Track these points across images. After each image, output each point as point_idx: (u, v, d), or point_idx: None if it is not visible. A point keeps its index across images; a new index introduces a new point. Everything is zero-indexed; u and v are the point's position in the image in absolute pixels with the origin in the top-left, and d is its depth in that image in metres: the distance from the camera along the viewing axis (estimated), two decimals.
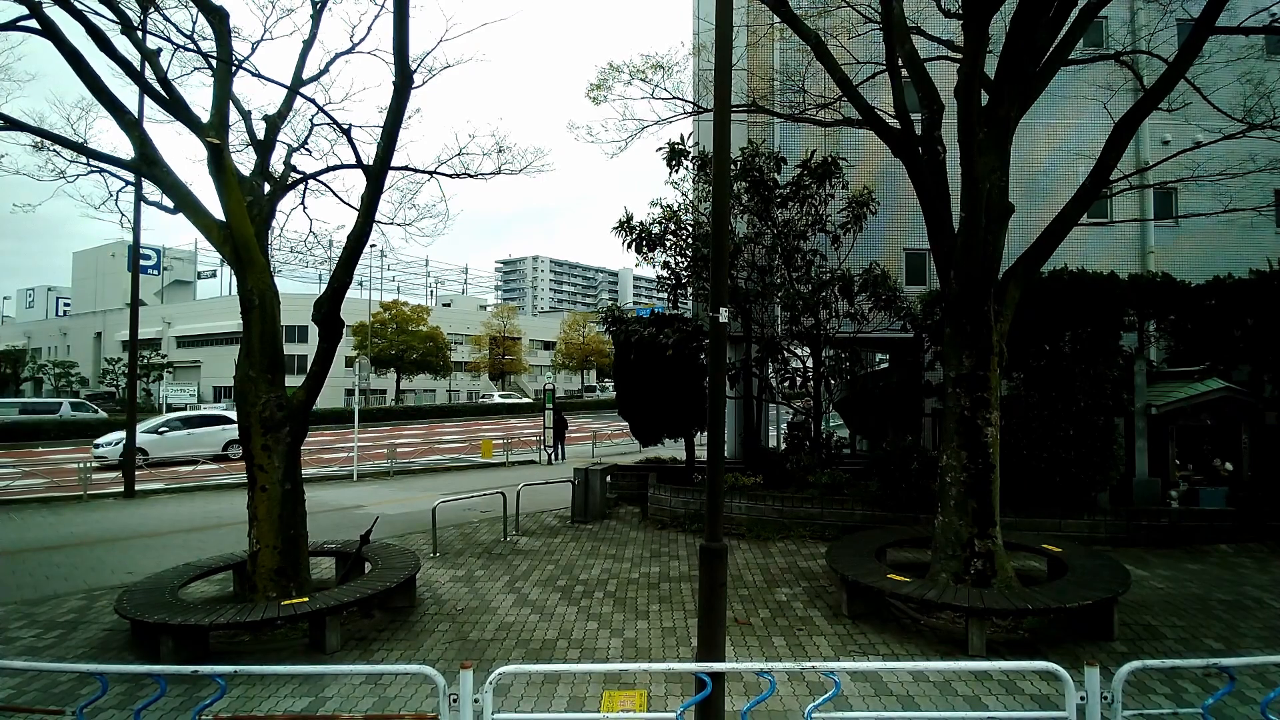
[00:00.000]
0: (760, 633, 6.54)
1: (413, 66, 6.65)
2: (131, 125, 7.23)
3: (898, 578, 6.62)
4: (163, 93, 7.26)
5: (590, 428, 30.36)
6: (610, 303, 13.39)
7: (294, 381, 7.13)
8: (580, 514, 11.70)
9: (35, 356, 63.51)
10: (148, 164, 7.16)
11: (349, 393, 59.17)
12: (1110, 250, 14.23)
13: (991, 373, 6.92)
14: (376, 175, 6.80)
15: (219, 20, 7.26)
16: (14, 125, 7.11)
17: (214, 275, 66.83)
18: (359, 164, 7.17)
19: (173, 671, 3.78)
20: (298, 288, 65.34)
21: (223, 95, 7.29)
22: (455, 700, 3.76)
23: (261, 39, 9.81)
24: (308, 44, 8.87)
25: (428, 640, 6.55)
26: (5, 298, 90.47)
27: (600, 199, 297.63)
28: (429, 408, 52.90)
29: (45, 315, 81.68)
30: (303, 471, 7.39)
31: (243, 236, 6.93)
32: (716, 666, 3.74)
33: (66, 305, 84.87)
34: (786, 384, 11.25)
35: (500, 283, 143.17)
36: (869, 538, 8.20)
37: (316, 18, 8.92)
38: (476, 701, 3.78)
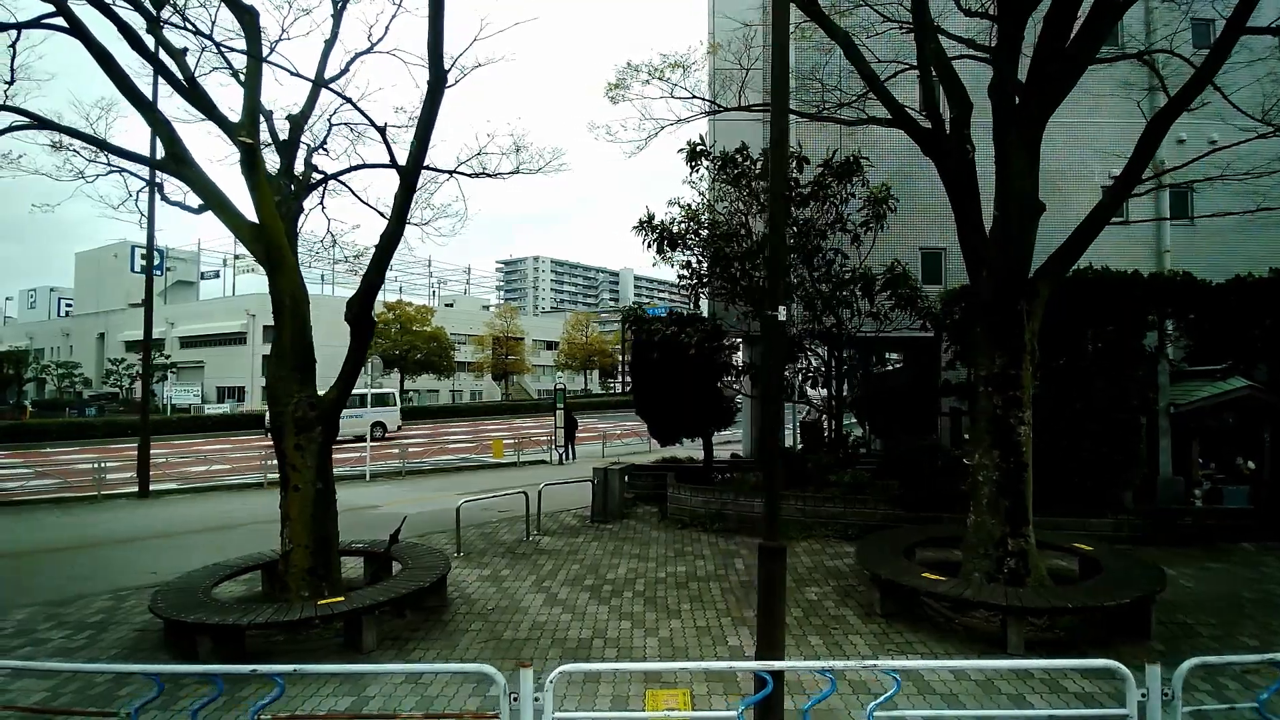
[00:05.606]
0: (795, 632, 6.52)
1: (446, 66, 6.64)
2: (161, 125, 7.22)
3: (932, 576, 6.62)
4: (188, 91, 7.26)
5: (597, 427, 30.36)
6: (633, 304, 13.41)
7: None
8: (600, 513, 11.70)
9: (38, 357, 63.45)
10: (178, 163, 7.15)
11: (353, 394, 59.21)
12: (1126, 250, 14.22)
13: (1024, 371, 6.92)
14: (409, 175, 6.79)
15: (250, 19, 7.25)
16: (45, 124, 7.10)
17: (216, 276, 66.79)
18: (393, 164, 7.16)
19: (230, 671, 3.77)
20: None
21: (253, 94, 7.29)
22: (515, 699, 3.76)
23: (279, 39, 9.83)
24: (329, 43, 8.87)
25: (462, 639, 6.55)
26: (7, 298, 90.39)
27: (600, 200, 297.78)
28: (434, 408, 52.87)
29: (48, 316, 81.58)
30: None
31: (274, 237, 6.93)
32: (777, 665, 3.74)
33: (68, 306, 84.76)
34: (809, 383, 11.24)
35: (501, 283, 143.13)
36: (895, 537, 8.19)
37: (337, 17, 8.92)
38: (537, 700, 3.78)
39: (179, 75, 7.38)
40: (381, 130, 7.08)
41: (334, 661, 6.03)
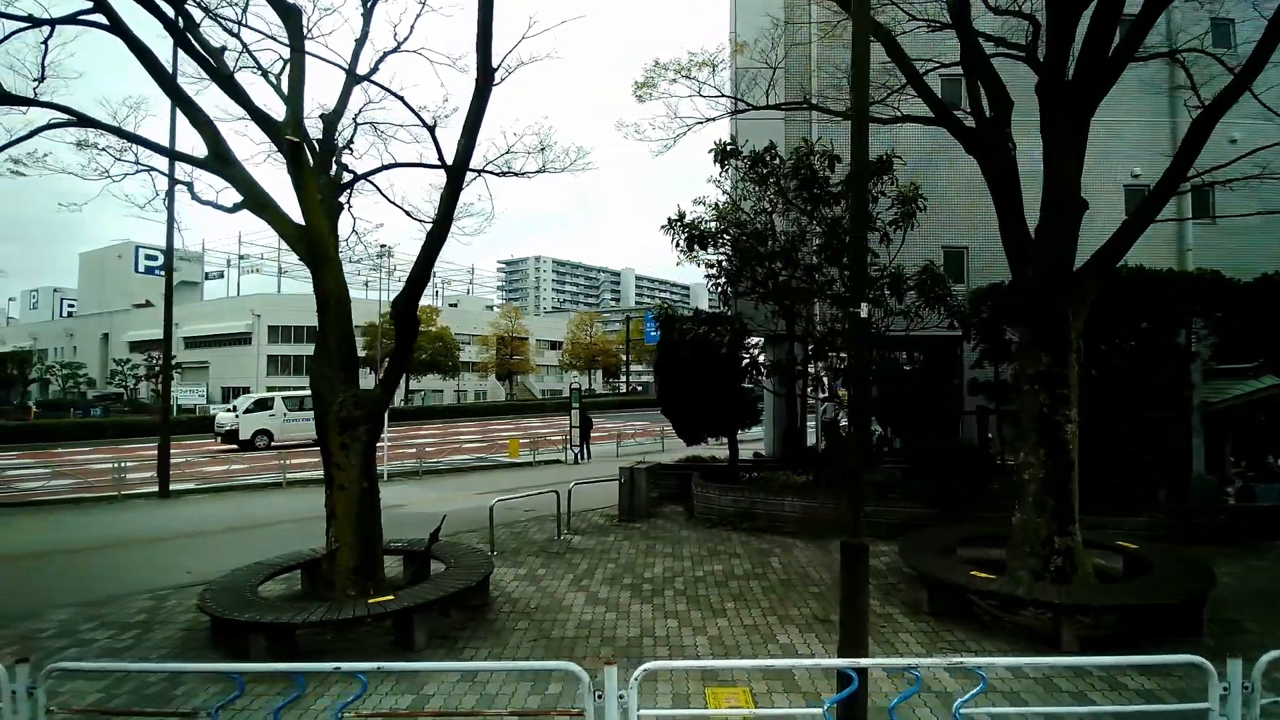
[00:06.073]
0: None
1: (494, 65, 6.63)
2: (204, 124, 7.20)
3: (980, 575, 6.62)
4: (232, 90, 7.25)
5: (605, 427, 30.33)
6: (663, 304, 13.37)
7: (302, 381, 7.12)
8: (626, 513, 11.70)
9: (42, 358, 63.42)
10: (222, 163, 7.14)
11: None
12: (1148, 248, 14.20)
13: (1070, 370, 6.92)
14: (456, 173, 6.78)
15: (294, 18, 7.25)
16: (89, 123, 7.09)
17: (220, 276, 66.80)
18: (441, 162, 7.15)
19: (313, 669, 3.76)
20: (306, 288, 65.24)
21: (296, 92, 7.29)
22: (600, 696, 3.76)
23: (305, 37, 9.85)
24: (360, 42, 8.86)
25: (511, 638, 6.54)
26: (10, 299, 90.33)
27: (600, 200, 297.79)
28: (441, 407, 52.87)
29: (52, 316, 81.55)
30: None
31: (319, 235, 6.92)
32: (863, 662, 3.74)
33: (70, 306, 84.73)
34: (839, 381, 11.24)
35: (503, 283, 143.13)
36: (934, 536, 8.19)
37: (367, 16, 8.91)
38: (622, 697, 3.77)
39: (216, 73, 7.40)
40: (431, 129, 7.08)
41: (386, 659, 6.02)
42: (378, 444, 7.32)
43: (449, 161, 6.89)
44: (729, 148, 10.66)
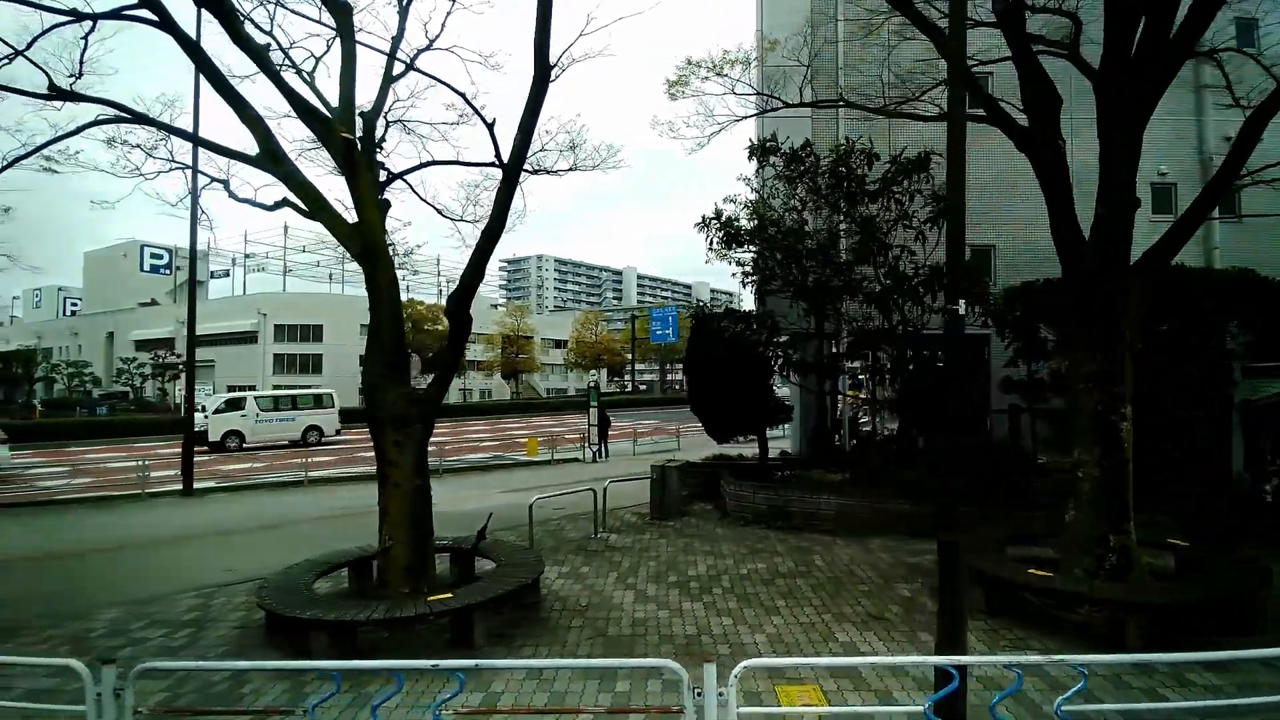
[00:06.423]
0: (902, 629, 6.53)
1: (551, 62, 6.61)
2: (255, 120, 7.18)
3: (1038, 573, 6.61)
4: (283, 87, 7.24)
5: (615, 425, 30.29)
6: (699, 304, 13.32)
7: (308, 379, 7.08)
8: (658, 510, 11.70)
9: (46, 356, 63.34)
10: (273, 160, 7.13)
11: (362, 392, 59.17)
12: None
13: (1124, 368, 6.91)
14: (512, 171, 6.77)
15: (344, 13, 7.23)
16: (142, 120, 7.08)
17: (226, 275, 66.72)
18: (497, 159, 7.14)
19: (412, 666, 3.75)
20: (311, 287, 65.25)
21: (348, 89, 7.27)
22: (699, 694, 3.74)
23: (335, 36, 9.85)
24: (396, 39, 8.85)
25: (569, 635, 6.53)
26: (14, 297, 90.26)
27: (599, 198, 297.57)
28: (450, 406, 52.76)
29: (56, 315, 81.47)
30: (355, 470, 7.35)
31: (373, 231, 6.91)
32: (965, 659, 3.74)
33: (73, 305, 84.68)
34: (875, 379, 11.23)
35: (505, 282, 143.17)
36: (981, 535, 8.17)
37: (404, 13, 8.91)
38: (721, 694, 3.76)
39: (267, 69, 7.38)
40: (490, 125, 7.05)
41: (443, 657, 5.99)
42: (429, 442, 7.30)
43: (503, 159, 6.88)
44: (768, 144, 10.65)
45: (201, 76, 6.79)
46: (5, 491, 16.64)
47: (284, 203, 8.12)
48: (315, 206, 7.08)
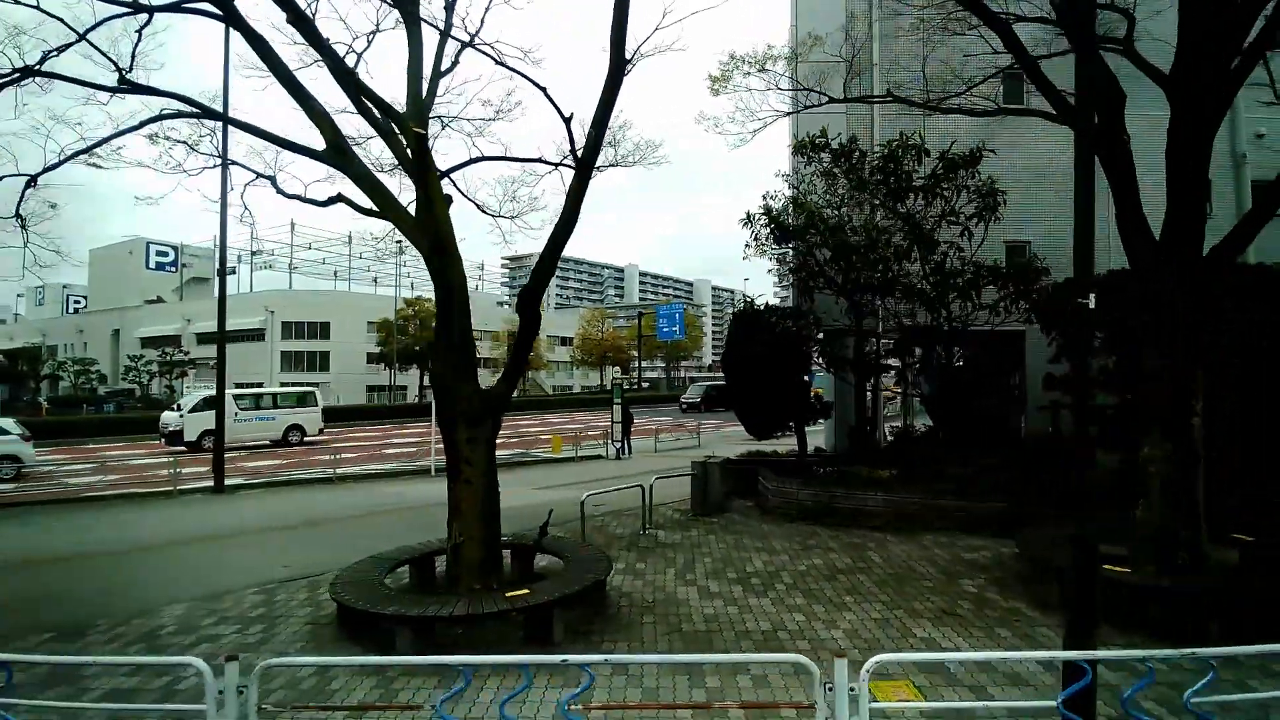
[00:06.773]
0: (978, 625, 6.53)
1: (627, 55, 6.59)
2: (321, 115, 7.16)
3: (1113, 569, 6.62)
4: (352, 82, 7.22)
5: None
6: (745, 299, 13.32)
7: (315, 377, 7.04)
8: (700, 507, 11.70)
9: (52, 354, 63.26)
10: (339, 155, 7.11)
11: (370, 389, 59.22)
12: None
13: (1194, 364, 6.91)
14: (586, 164, 6.76)
15: (411, 9, 7.21)
16: (210, 114, 7.06)
17: (233, 273, 66.62)
18: (573, 153, 7.12)
19: (542, 661, 3.75)
20: (317, 285, 65.18)
21: (416, 84, 7.24)
22: (830, 688, 3.74)
23: (373, 31, 9.83)
24: (444, 35, 8.84)
25: (644, 631, 6.54)
26: (19, 295, 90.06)
27: (599, 197, 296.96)
28: None
29: (61, 313, 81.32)
30: (379, 467, 7.34)
31: (443, 226, 6.90)
32: (1097, 654, 3.75)
33: (77, 303, 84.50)
34: (918, 376, 11.24)
35: (506, 279, 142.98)
36: (1042, 532, 8.18)
37: (450, 7, 8.88)
38: (853, 690, 3.76)
39: (334, 64, 7.36)
40: (567, 121, 7.02)
41: (524, 653, 5.99)
42: (499, 439, 7.30)
43: (579, 154, 6.86)
44: (817, 140, 10.64)
45: (272, 72, 6.73)
46: (35, 489, 16.64)
47: (339, 199, 8.12)
48: (384, 204, 7.05)
